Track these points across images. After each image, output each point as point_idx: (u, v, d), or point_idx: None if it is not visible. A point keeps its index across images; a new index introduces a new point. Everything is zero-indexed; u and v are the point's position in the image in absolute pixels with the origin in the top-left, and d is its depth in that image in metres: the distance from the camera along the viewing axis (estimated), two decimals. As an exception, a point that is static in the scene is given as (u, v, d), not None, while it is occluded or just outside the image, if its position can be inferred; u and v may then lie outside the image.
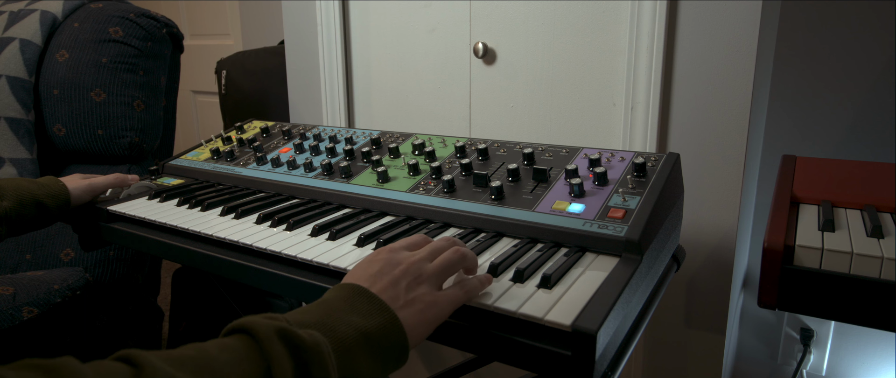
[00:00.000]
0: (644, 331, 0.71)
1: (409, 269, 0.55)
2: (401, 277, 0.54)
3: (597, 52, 1.08)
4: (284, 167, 1.01)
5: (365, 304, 0.50)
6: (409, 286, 0.54)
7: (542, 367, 0.53)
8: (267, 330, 0.43)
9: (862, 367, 1.46)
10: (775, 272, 0.73)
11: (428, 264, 0.57)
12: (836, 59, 1.38)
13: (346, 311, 0.49)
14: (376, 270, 0.55)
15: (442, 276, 0.57)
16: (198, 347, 0.42)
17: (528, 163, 0.85)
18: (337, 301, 0.50)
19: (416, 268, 0.56)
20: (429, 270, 0.56)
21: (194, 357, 0.41)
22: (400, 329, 0.50)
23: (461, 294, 0.56)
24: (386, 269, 0.55)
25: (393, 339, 0.49)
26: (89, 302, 1.27)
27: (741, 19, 0.94)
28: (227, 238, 0.78)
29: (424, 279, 0.55)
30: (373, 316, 0.49)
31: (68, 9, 1.50)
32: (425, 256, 0.58)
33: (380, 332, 0.49)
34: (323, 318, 0.48)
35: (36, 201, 0.86)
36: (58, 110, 1.42)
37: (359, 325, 0.48)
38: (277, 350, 0.43)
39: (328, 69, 1.40)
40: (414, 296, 0.53)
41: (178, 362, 0.40)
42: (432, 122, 1.31)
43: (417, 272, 0.55)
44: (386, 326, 0.49)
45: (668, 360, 1.14)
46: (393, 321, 0.50)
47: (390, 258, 0.57)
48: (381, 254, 0.58)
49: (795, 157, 1.05)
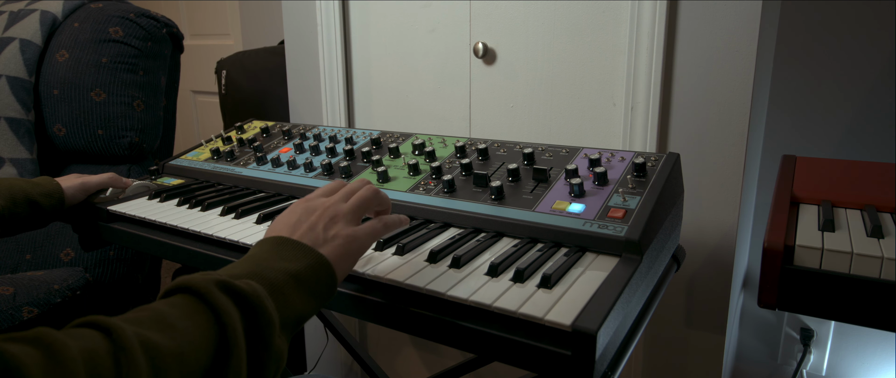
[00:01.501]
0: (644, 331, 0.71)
1: (324, 213, 0.60)
2: (317, 221, 0.59)
3: (597, 52, 1.08)
4: (284, 167, 1.01)
5: (290, 250, 0.55)
6: (327, 226, 0.58)
7: (542, 367, 0.53)
8: (207, 284, 0.46)
9: (862, 367, 1.46)
10: (775, 272, 0.73)
11: (343, 204, 0.61)
12: (836, 60, 1.38)
13: (274, 259, 0.53)
14: (295, 220, 0.59)
15: (358, 213, 0.62)
16: (148, 308, 0.44)
17: (528, 163, 0.85)
18: (263, 253, 0.54)
19: (331, 210, 0.60)
20: (344, 210, 0.61)
21: (150, 316, 0.43)
22: (326, 265, 0.55)
23: (379, 226, 0.61)
24: (303, 216, 0.59)
25: (321, 275, 0.54)
26: (89, 302, 1.27)
27: (741, 19, 0.94)
28: (227, 238, 0.78)
29: (340, 218, 0.60)
30: (299, 259, 0.54)
31: (68, 9, 1.50)
32: (339, 198, 0.62)
33: (308, 272, 0.53)
34: (253, 269, 0.52)
35: (29, 200, 0.86)
36: (58, 110, 1.42)
37: (288, 269, 0.52)
38: (221, 300, 0.45)
39: (328, 69, 1.41)
40: (333, 233, 0.58)
41: (137, 322, 0.42)
42: (432, 122, 1.31)
43: (333, 213, 0.60)
44: (313, 265, 0.54)
45: (668, 360, 1.14)
46: (318, 258, 0.54)
47: (307, 206, 0.61)
48: (298, 204, 0.62)
49: (795, 157, 1.05)
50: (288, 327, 0.51)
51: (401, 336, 1.51)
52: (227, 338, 0.44)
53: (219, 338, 0.44)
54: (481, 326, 0.56)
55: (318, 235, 0.57)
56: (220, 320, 0.45)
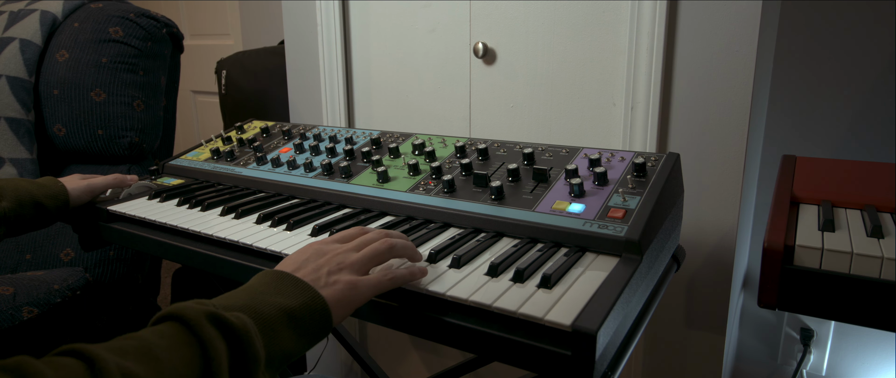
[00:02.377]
0: (644, 331, 0.71)
1: (332, 258, 0.60)
2: (324, 265, 0.59)
3: (597, 52, 1.08)
4: (284, 167, 1.01)
5: (288, 286, 0.54)
6: (332, 271, 0.58)
7: (542, 367, 0.53)
8: (197, 315, 0.46)
9: (862, 367, 1.46)
10: (775, 272, 0.73)
11: (353, 254, 0.61)
12: (836, 59, 1.38)
13: (270, 294, 0.53)
14: (302, 259, 0.60)
15: (367, 265, 0.61)
16: (135, 337, 0.44)
17: (528, 163, 0.85)
18: (261, 286, 0.54)
19: (340, 257, 0.60)
20: (353, 259, 0.60)
21: (136, 346, 0.43)
22: (322, 304, 0.54)
23: (385, 280, 0.60)
24: (312, 258, 0.60)
25: (315, 315, 0.53)
26: (89, 302, 1.27)
27: (741, 19, 0.94)
28: (227, 238, 0.78)
29: (347, 266, 0.59)
30: (296, 296, 0.53)
31: (68, 9, 1.50)
32: (351, 247, 0.62)
33: (302, 309, 0.53)
34: (247, 301, 0.51)
35: (35, 202, 0.86)
36: (58, 110, 1.42)
37: (282, 305, 0.52)
38: (210, 333, 0.46)
39: (328, 69, 1.41)
40: (335, 279, 0.58)
41: (121, 352, 0.42)
42: (432, 122, 1.31)
43: (341, 261, 0.59)
44: (308, 304, 0.53)
45: (668, 360, 1.14)
46: (315, 297, 0.54)
47: (318, 249, 0.61)
48: (311, 246, 0.62)
49: (795, 157, 1.05)
50: (273, 364, 0.50)
51: (401, 336, 1.51)
52: (212, 371, 0.44)
53: (203, 371, 0.44)
54: (481, 326, 0.56)
55: (321, 278, 0.57)
56: (206, 353, 0.45)
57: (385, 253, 0.63)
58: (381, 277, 0.60)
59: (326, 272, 0.58)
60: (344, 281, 0.57)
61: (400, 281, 0.61)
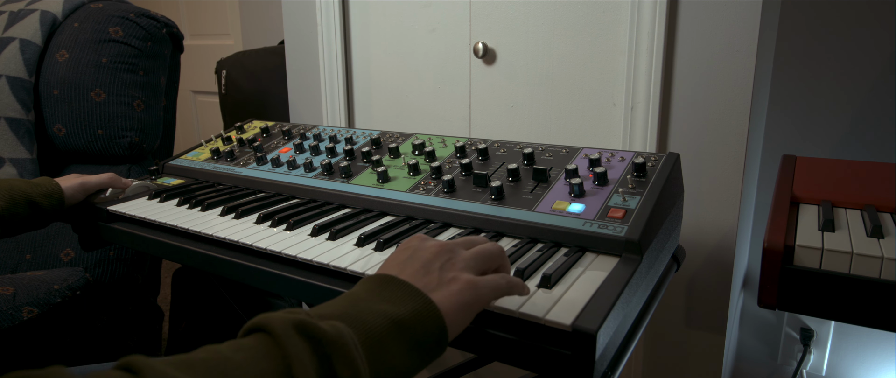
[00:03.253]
0: (644, 330, 0.71)
1: (441, 251, 0.51)
2: (433, 259, 0.50)
3: (597, 52, 1.08)
4: (284, 167, 1.01)
5: (394, 290, 0.46)
6: (444, 267, 0.49)
7: (542, 367, 0.53)
8: (284, 324, 0.40)
9: (862, 367, 1.46)
10: (775, 272, 0.73)
11: (463, 250, 0.53)
12: (836, 59, 1.38)
13: (374, 300, 0.45)
14: (406, 257, 0.51)
15: (479, 264, 0.52)
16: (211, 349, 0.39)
17: (528, 163, 0.85)
18: (363, 291, 0.47)
19: (448, 249, 0.51)
20: (464, 254, 0.52)
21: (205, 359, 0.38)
22: (435, 312, 0.45)
23: (503, 283, 0.51)
24: (417, 254, 0.51)
25: (429, 324, 0.45)
26: (89, 302, 1.27)
27: (741, 19, 0.94)
28: (227, 238, 0.78)
29: (459, 261, 0.51)
30: (404, 302, 0.45)
31: (68, 9, 1.50)
32: (460, 243, 0.54)
33: (413, 319, 0.44)
34: (347, 309, 0.44)
35: (29, 200, 0.86)
36: (58, 110, 1.42)
37: (388, 313, 0.44)
38: (296, 344, 0.39)
39: (328, 69, 1.40)
40: (451, 276, 0.49)
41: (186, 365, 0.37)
42: (432, 122, 1.31)
43: (450, 254, 0.51)
44: (419, 311, 0.45)
45: (668, 360, 1.14)
46: (427, 305, 0.45)
47: (421, 244, 0.52)
48: (411, 241, 0.53)
49: (795, 157, 1.05)
50: None
51: (401, 336, 1.51)
52: None
53: None
54: (481, 326, 0.56)
55: (433, 277, 0.48)
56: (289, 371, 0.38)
57: (496, 255, 0.54)
58: (499, 279, 0.51)
59: (438, 267, 0.49)
60: (462, 279, 0.48)
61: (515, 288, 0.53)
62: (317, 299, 0.69)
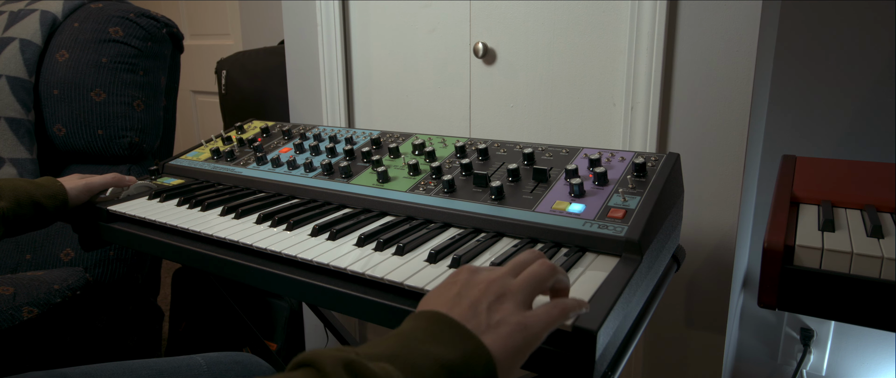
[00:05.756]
0: (644, 330, 0.71)
1: (489, 288, 0.49)
2: (481, 298, 0.48)
3: (597, 52, 1.08)
4: (284, 167, 1.01)
5: (445, 331, 0.44)
6: (491, 306, 0.47)
7: (542, 367, 0.53)
8: (334, 363, 0.39)
9: (862, 367, 1.46)
10: (775, 272, 0.73)
11: (512, 279, 0.50)
12: (836, 59, 1.38)
13: (424, 341, 0.43)
14: (455, 293, 0.49)
15: (530, 293, 0.50)
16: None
17: (528, 163, 0.85)
18: (414, 330, 0.45)
19: (498, 284, 0.49)
20: (513, 286, 0.49)
21: None
22: (487, 358, 0.43)
23: (556, 313, 0.49)
24: (465, 290, 0.49)
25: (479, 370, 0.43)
26: (89, 302, 1.27)
27: (741, 19, 0.94)
28: (227, 238, 0.78)
29: (509, 297, 0.48)
30: (455, 345, 0.43)
31: (68, 9, 1.50)
32: (508, 271, 0.52)
33: (463, 364, 0.42)
34: (397, 350, 0.42)
35: (33, 201, 0.86)
36: (58, 110, 1.42)
37: (439, 356, 0.42)
38: None
39: (328, 69, 1.41)
40: (499, 318, 0.46)
41: None
42: (432, 122, 1.31)
43: (500, 289, 0.49)
44: (470, 356, 0.43)
45: (668, 360, 1.14)
46: (478, 348, 0.43)
47: (469, 278, 0.50)
48: (460, 274, 0.51)
49: (795, 157, 1.05)
50: None
51: (401, 336, 1.51)
52: None
53: None
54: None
55: (481, 318, 0.46)
56: None
57: (547, 277, 0.51)
58: (552, 309, 0.49)
59: (486, 307, 0.47)
60: (512, 322, 0.46)
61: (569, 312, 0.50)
62: (317, 299, 0.69)
